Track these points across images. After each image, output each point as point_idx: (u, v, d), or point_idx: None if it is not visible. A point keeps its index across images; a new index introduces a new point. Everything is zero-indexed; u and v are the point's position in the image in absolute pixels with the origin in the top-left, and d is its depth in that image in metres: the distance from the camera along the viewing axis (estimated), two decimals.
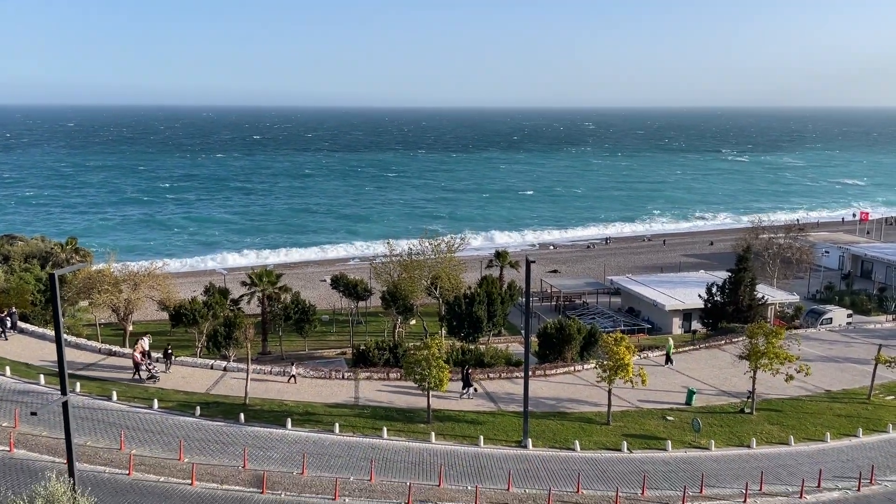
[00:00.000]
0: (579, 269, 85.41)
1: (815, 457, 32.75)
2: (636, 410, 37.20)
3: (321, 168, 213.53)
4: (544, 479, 29.07)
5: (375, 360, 42.00)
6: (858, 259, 79.18)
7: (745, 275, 53.97)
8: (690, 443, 33.54)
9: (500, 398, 37.96)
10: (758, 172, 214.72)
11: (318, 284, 74.64)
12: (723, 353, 47.00)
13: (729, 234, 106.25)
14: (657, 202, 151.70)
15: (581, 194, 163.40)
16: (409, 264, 53.19)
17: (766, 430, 35.18)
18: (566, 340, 44.30)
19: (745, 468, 31.23)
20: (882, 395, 40.37)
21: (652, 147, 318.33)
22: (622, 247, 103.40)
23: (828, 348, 49.47)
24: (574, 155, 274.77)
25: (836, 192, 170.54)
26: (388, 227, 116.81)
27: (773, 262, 68.20)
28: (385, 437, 32.08)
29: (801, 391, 40.14)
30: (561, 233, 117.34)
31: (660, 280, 66.66)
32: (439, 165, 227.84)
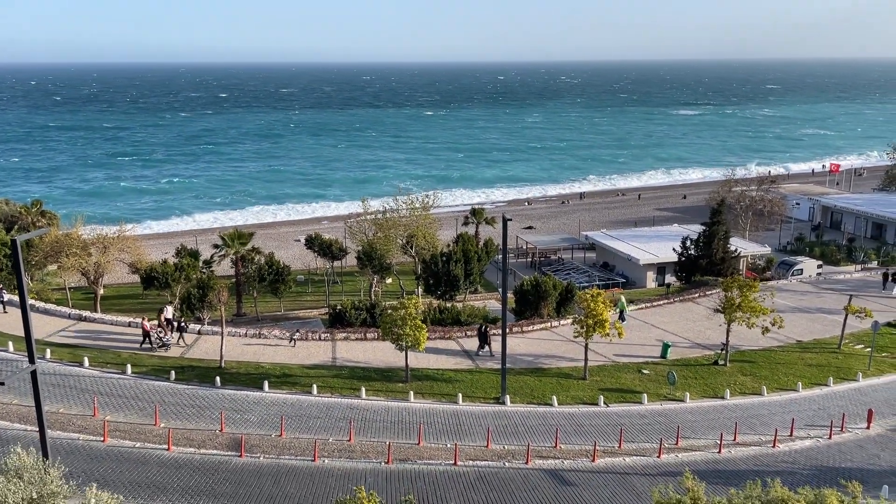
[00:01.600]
0: (554, 224, 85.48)
1: (787, 406, 33.40)
2: (612, 365, 37.55)
3: (292, 126, 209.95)
4: (523, 435, 29.31)
5: (352, 320, 41.76)
6: (828, 210, 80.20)
7: (719, 228, 54.32)
8: (666, 395, 33.99)
9: (477, 355, 38.02)
10: (729, 125, 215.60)
11: (291, 244, 73.83)
12: (697, 306, 47.52)
13: (702, 187, 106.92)
14: (632, 156, 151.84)
15: (557, 149, 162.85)
16: (383, 223, 52.65)
17: (739, 382, 35.76)
18: (543, 297, 44.39)
19: (719, 419, 31.77)
20: (852, 344, 41.19)
21: (627, 101, 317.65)
22: (597, 202, 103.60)
23: (799, 299, 50.24)
24: (549, 110, 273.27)
25: (806, 144, 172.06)
26: (363, 185, 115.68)
27: (746, 214, 68.80)
28: (363, 397, 32.02)
29: (773, 342, 40.78)
30: (536, 189, 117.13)
31: (634, 234, 66.95)
32: (413, 122, 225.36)
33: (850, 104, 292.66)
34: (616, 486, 25.72)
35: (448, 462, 26.65)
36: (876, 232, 73.01)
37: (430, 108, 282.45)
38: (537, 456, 27.51)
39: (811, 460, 28.51)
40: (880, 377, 36.98)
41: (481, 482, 25.46)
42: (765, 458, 28.58)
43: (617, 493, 25.15)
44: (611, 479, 26.19)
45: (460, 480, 25.49)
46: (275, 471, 25.35)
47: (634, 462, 27.69)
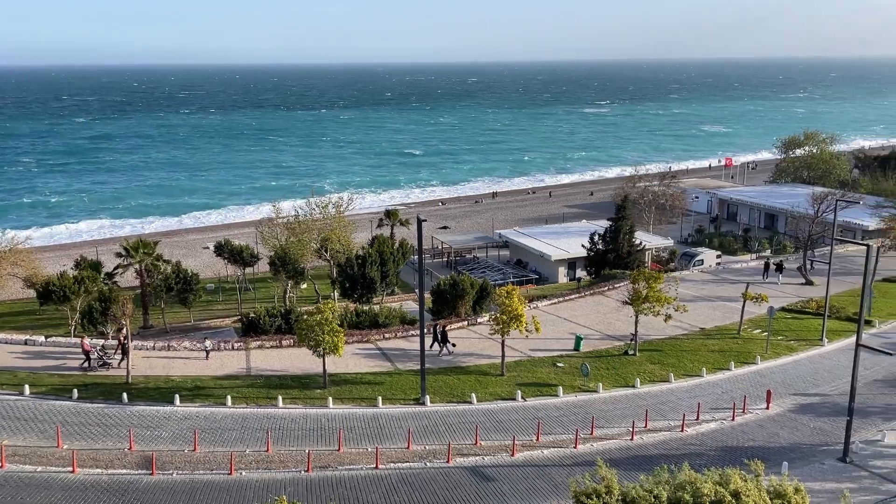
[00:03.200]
0: (469, 224, 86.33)
1: (693, 391, 34.99)
2: (528, 360, 38.30)
3: (196, 129, 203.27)
4: (443, 434, 29.48)
5: (267, 327, 40.83)
6: (725, 203, 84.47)
7: (625, 223, 56.32)
8: (580, 387, 34.95)
9: (397, 357, 38.00)
10: (633, 123, 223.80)
11: (200, 252, 71.50)
12: (606, 299, 49.08)
13: (608, 183, 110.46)
14: (542, 154, 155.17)
15: (467, 150, 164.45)
16: (296, 227, 51.75)
17: (648, 370, 37.19)
18: (459, 296, 44.77)
19: (631, 407, 32.93)
20: (750, 329, 43.55)
21: (537, 101, 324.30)
22: (509, 200, 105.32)
23: (700, 288, 52.71)
24: (459, 110, 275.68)
25: (703, 140, 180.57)
26: (274, 189, 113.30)
27: (649, 209, 71.53)
28: (281, 405, 31.40)
29: (678, 330, 42.63)
30: (449, 189, 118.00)
31: (545, 231, 68.47)
32: (325, 124, 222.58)
33: (746, 102, 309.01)
34: (535, 478, 26.25)
35: (369, 466, 26.50)
36: (769, 222, 77.43)
37: (342, 110, 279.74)
38: (458, 454, 27.73)
39: (717, 442, 29.97)
40: (777, 359, 39.27)
41: (403, 484, 25.44)
42: (674, 442, 29.84)
43: (536, 486, 25.67)
44: (530, 472, 26.70)
45: (382, 484, 25.40)
46: (189, 487, 24.50)
47: (552, 454, 28.34)
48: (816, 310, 45.71)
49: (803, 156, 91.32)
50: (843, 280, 51.71)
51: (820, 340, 41.51)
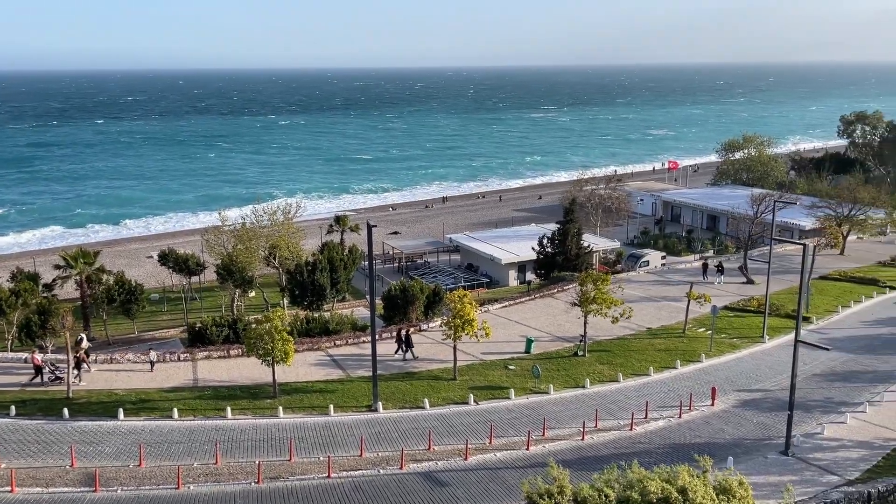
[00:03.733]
0: (419, 229, 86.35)
1: (641, 390, 35.65)
2: (480, 363, 38.46)
3: (138, 136, 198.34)
4: (396, 440, 29.36)
5: (214, 337, 40.04)
6: (669, 205, 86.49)
7: (572, 226, 57.13)
8: (531, 389, 35.25)
9: (348, 364, 37.71)
10: (580, 127, 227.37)
11: (143, 262, 69.73)
12: (556, 301, 49.66)
13: (555, 187, 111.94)
14: (490, 159, 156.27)
15: (417, 155, 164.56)
16: (243, 234, 50.91)
17: (597, 370, 37.76)
18: (410, 301, 44.71)
19: (581, 407, 33.37)
20: (694, 328, 44.63)
21: (481, 107, 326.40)
22: (459, 205, 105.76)
23: (646, 289, 53.79)
24: (408, 116, 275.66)
25: (649, 144, 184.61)
26: (219, 197, 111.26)
27: (596, 211, 72.74)
28: (229, 416, 30.81)
29: (625, 331, 43.41)
30: (399, 194, 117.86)
31: (495, 235, 68.95)
32: (272, 130, 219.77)
33: (689, 106, 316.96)
34: (488, 481, 26.35)
35: (321, 475, 26.19)
36: (711, 223, 79.56)
37: (289, 115, 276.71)
38: (412, 460, 27.65)
39: (665, 439, 30.59)
40: (721, 357, 40.32)
41: (356, 492, 25.23)
42: (624, 441, 30.35)
43: (489, 489, 25.76)
44: (483, 476, 26.80)
45: (335, 493, 25.13)
46: (134, 503, 23.81)
47: (505, 456, 28.49)
48: (757, 308, 47.11)
49: (743, 158, 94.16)
50: (782, 278, 53.43)
51: (761, 337, 42.80)
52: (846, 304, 49.35)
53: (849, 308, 48.95)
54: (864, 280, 55.29)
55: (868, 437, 30.55)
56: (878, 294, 52.10)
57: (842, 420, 32.10)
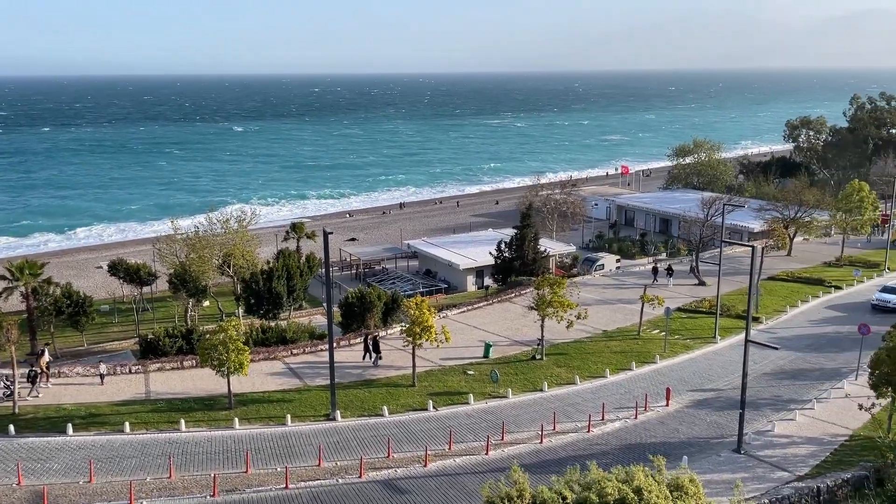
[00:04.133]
0: (377, 235, 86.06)
1: (598, 392, 36.08)
2: (439, 369, 38.45)
3: (86, 144, 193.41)
4: (355, 449, 29.13)
5: (167, 348, 39.20)
6: (623, 209, 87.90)
7: (529, 231, 57.61)
8: (490, 393, 35.38)
9: (306, 373, 37.31)
10: (531, 133, 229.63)
11: (93, 272, 67.98)
12: (514, 306, 49.97)
13: (512, 192, 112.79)
14: (447, 165, 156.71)
15: (374, 161, 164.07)
16: (196, 243, 50.03)
17: (555, 373, 38.09)
18: (368, 308, 44.48)
19: (539, 411, 33.61)
20: (649, 329, 45.38)
21: (438, 113, 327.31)
22: (416, 211, 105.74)
23: (602, 292, 54.53)
24: (364, 122, 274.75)
25: (604, 149, 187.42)
26: (171, 205, 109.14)
27: (552, 216, 73.51)
28: (184, 429, 30.17)
29: (582, 334, 43.91)
30: (356, 200, 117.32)
31: (453, 241, 69.10)
32: (223, 137, 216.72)
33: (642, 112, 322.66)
34: (448, 487, 26.33)
35: (279, 487, 25.82)
36: (663, 226, 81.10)
37: (243, 122, 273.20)
38: (371, 468, 27.46)
39: (621, 440, 31.00)
40: (675, 358, 41.07)
41: (315, 502, 24.94)
42: (581, 443, 30.66)
43: (449, 495, 25.74)
44: (443, 482, 26.76)
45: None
46: None
47: (465, 462, 28.52)
48: (709, 309, 48.14)
49: (693, 163, 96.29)
50: (733, 279, 54.73)
51: (713, 338, 43.74)
52: (794, 304, 50.78)
53: (796, 308, 50.38)
54: (811, 280, 57.00)
55: (817, 434, 31.44)
56: (824, 294, 53.75)
57: (791, 417, 32.97)
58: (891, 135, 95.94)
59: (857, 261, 62.61)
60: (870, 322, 39.95)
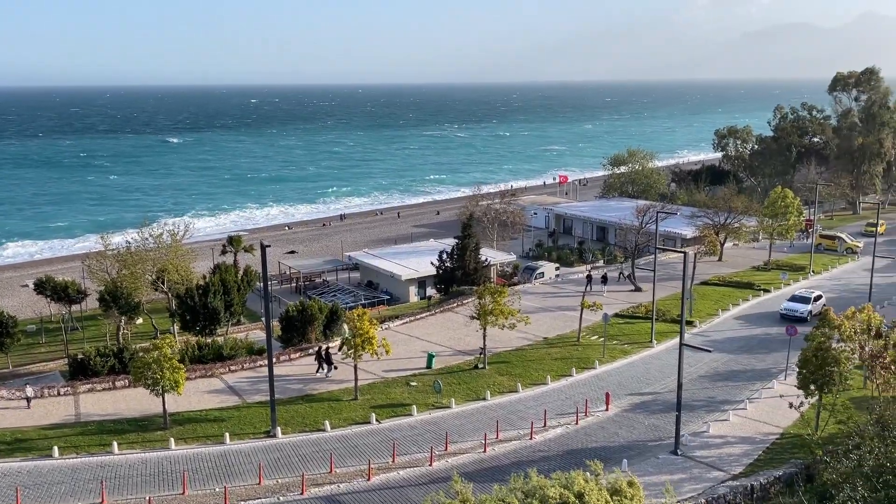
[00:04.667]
0: (317, 247, 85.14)
1: (539, 399, 36.45)
2: (382, 381, 38.20)
3: (9, 158, 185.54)
4: (297, 465, 28.64)
5: (98, 368, 37.76)
6: (561, 218, 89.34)
7: (470, 240, 57.95)
8: (434, 404, 35.33)
9: (245, 390, 36.52)
10: (473, 144, 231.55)
11: (17, 291, 65.09)
12: (456, 316, 50.12)
13: (453, 202, 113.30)
14: (387, 176, 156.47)
15: (313, 173, 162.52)
16: (128, 259, 48.50)
17: (497, 382, 38.32)
18: (309, 321, 43.91)
19: (482, 419, 33.73)
20: (588, 335, 46.14)
21: (378, 124, 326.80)
22: (357, 222, 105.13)
23: (542, 299, 55.21)
24: (303, 133, 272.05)
25: (540, 159, 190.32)
26: (101, 220, 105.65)
27: (492, 226, 74.14)
28: (116, 452, 29.12)
29: (523, 341, 44.34)
30: (296, 212, 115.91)
31: (395, 252, 68.92)
32: (156, 150, 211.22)
33: (580, 123, 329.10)
34: (392, 501, 26.14)
35: None
36: (600, 234, 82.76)
37: (177, 133, 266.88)
38: (313, 484, 27.03)
39: (563, 446, 31.38)
40: (613, 363, 41.84)
41: None
42: (524, 450, 30.89)
43: None
44: (387, 495, 26.55)
45: None
46: None
47: (408, 474, 28.36)
48: (645, 314, 49.27)
49: (628, 172, 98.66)
50: (667, 285, 56.18)
51: (650, 342, 44.78)
52: (725, 308, 52.46)
53: (728, 311, 52.05)
54: (741, 284, 59.02)
55: (749, 433, 32.49)
56: (754, 297, 55.72)
57: (725, 418, 34.00)
58: (812, 143, 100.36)
59: (784, 264, 65.19)
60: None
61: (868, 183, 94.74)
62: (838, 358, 30.17)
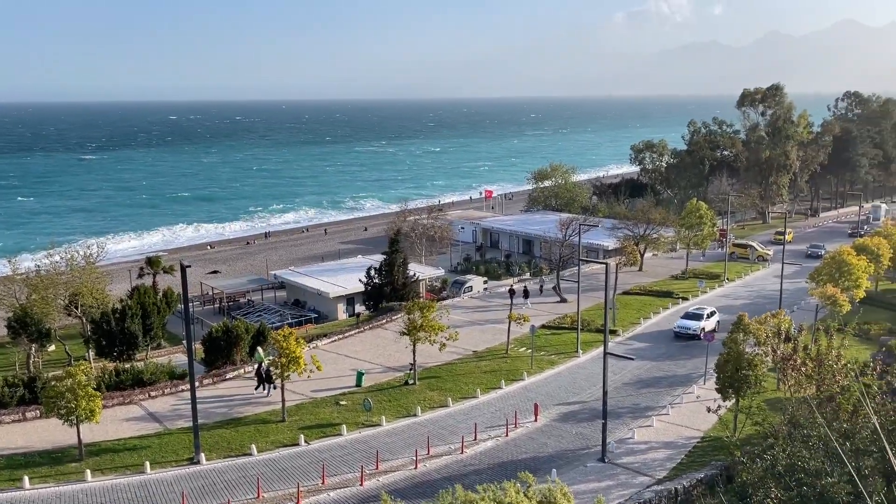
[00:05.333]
0: (241, 266, 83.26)
1: (470, 413, 36.57)
2: (310, 401, 37.54)
3: None
4: (222, 492, 27.75)
5: (6, 399, 35.65)
6: (488, 232, 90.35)
7: (398, 256, 57.86)
8: (364, 423, 34.94)
9: (166, 416, 35.21)
10: (400, 160, 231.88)
11: None
12: (385, 332, 49.84)
13: (381, 218, 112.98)
14: (314, 192, 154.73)
15: (236, 190, 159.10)
16: (38, 283, 46.18)
17: (428, 397, 38.25)
18: (234, 343, 42.79)
19: (413, 436, 33.57)
20: (516, 348, 46.69)
21: (302, 140, 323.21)
22: (282, 240, 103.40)
23: (471, 313, 55.59)
24: (225, 150, 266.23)
25: (466, 174, 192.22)
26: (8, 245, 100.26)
27: (420, 241, 74.30)
28: (27, 486, 27.53)
29: (453, 356, 44.45)
30: (218, 231, 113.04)
31: (322, 269, 68.11)
32: (68, 168, 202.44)
33: (507, 138, 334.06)
34: None
35: None
36: (526, 247, 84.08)
37: (92, 151, 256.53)
38: None
39: (494, 459, 31.54)
40: (541, 374, 42.44)
41: None
42: (455, 465, 30.89)
43: None
44: None
45: None
46: None
47: (339, 495, 27.91)
48: (571, 324, 50.26)
49: (551, 186, 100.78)
50: (591, 295, 57.50)
51: (576, 352, 45.66)
52: (647, 316, 54.09)
53: (649, 319, 53.68)
54: (661, 293, 61.02)
55: (672, 438, 33.50)
56: (673, 305, 57.68)
57: (649, 424, 34.96)
58: (724, 156, 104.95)
59: (701, 273, 67.80)
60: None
61: (776, 193, 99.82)
62: (753, 362, 31.54)
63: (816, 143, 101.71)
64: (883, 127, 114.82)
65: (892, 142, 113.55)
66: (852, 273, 49.79)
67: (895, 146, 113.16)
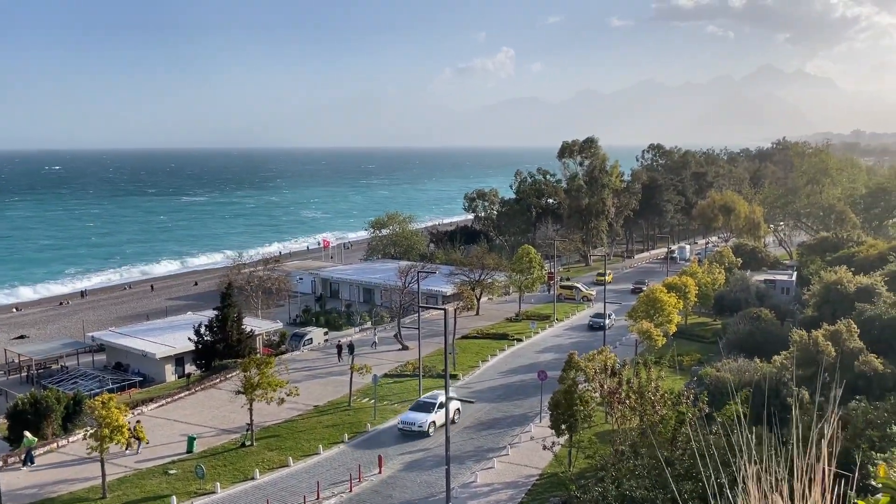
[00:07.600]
0: (53, 329, 75.81)
1: (312, 471, 35.35)
2: (135, 473, 34.57)
3: None
4: None
5: None
6: (327, 281, 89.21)
7: (231, 310, 55.37)
8: (196, 491, 32.65)
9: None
10: (234, 210, 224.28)
11: None
12: (219, 392, 47.28)
13: (212, 272, 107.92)
14: (137, 247, 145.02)
15: (42, 246, 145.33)
16: None
17: (267, 458, 36.55)
18: (44, 414, 38.62)
19: (251, 501, 31.87)
20: (359, 399, 46.01)
21: (120, 191, 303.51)
22: (101, 298, 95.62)
23: (311, 366, 54.23)
24: (31, 202, 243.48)
25: (301, 224, 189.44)
26: None
27: (256, 294, 71.78)
28: None
29: (293, 412, 42.93)
30: (25, 291, 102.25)
31: (147, 328, 63.69)
32: None
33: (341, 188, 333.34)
34: None
35: None
36: (367, 296, 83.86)
37: None
38: None
39: None
40: (385, 423, 42.01)
41: None
42: None
43: None
44: None
45: None
46: None
47: None
48: (413, 371, 50.47)
49: (389, 234, 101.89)
50: (432, 341, 58.21)
51: None
52: (485, 359, 55.60)
53: (487, 362, 55.20)
54: (497, 335, 63.12)
55: (513, 478, 34.33)
56: (509, 346, 59.80)
57: (491, 465, 35.63)
58: (548, 204, 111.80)
59: (533, 314, 71.02)
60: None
61: (596, 238, 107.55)
62: (583, 397, 33.29)
63: (628, 191, 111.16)
64: (684, 175, 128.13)
65: (692, 189, 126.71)
66: (664, 309, 54.35)
67: (695, 193, 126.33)
